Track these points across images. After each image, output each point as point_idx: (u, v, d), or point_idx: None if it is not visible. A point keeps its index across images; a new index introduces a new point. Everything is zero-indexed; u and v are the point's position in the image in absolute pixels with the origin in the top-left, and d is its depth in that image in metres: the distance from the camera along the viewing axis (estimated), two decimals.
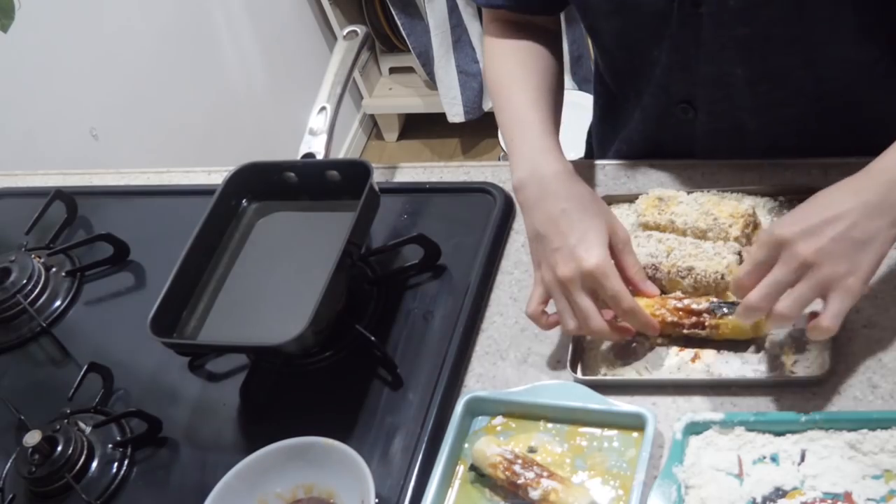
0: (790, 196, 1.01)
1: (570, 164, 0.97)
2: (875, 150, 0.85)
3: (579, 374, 0.93)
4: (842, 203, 0.81)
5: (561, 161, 0.97)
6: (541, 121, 1.02)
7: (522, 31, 1.11)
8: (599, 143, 1.27)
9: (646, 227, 1.01)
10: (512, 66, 1.09)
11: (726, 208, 0.98)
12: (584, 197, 0.94)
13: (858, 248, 0.80)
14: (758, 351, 0.91)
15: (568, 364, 0.94)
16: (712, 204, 0.99)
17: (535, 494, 0.83)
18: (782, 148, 1.05)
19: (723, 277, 0.93)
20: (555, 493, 0.83)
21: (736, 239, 0.96)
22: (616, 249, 0.92)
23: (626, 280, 0.91)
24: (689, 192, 1.01)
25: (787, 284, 0.81)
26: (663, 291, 0.96)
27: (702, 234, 0.97)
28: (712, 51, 0.99)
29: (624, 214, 1.05)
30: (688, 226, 0.98)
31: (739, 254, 0.95)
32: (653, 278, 0.96)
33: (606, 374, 0.93)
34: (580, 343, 0.96)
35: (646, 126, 1.13)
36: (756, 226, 0.99)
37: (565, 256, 0.89)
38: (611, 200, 1.07)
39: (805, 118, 1.03)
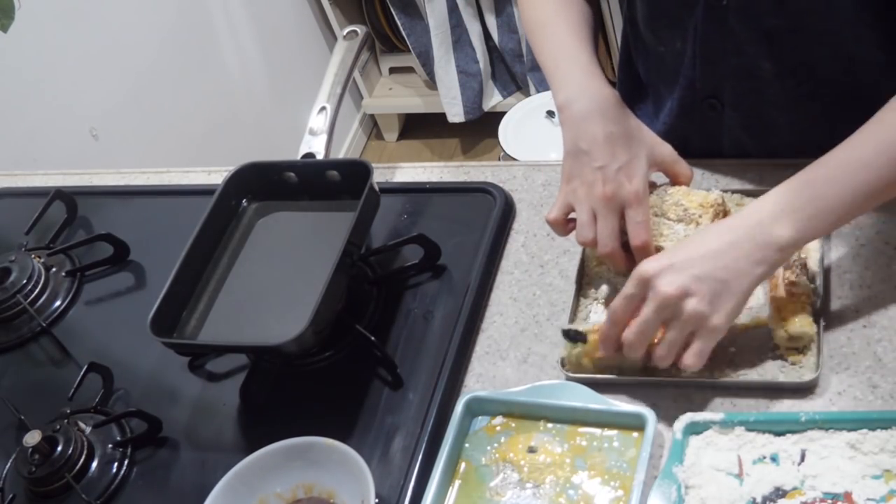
0: None
1: (617, 93, 0.99)
2: None
3: (570, 373, 0.93)
4: (710, 242, 0.84)
5: (609, 87, 0.98)
6: (587, 51, 1.02)
7: None
8: None
9: None
10: (552, 7, 1.08)
11: (696, 198, 0.99)
12: (630, 124, 0.96)
13: (721, 286, 0.82)
14: (758, 353, 0.91)
15: (559, 362, 0.94)
16: (682, 194, 1.00)
17: None
18: (811, 143, 1.03)
19: None
20: None
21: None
22: (666, 165, 0.98)
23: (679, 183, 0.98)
24: (659, 184, 1.02)
25: (656, 322, 0.84)
26: (633, 266, 0.97)
27: (674, 223, 0.99)
28: (739, 43, 0.99)
29: None
30: (658, 216, 0.99)
31: None
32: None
33: (602, 374, 0.94)
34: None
35: (673, 121, 1.12)
36: (725, 214, 1.00)
37: (608, 176, 0.92)
38: None
39: (833, 113, 1.01)
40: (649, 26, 1.07)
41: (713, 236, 0.85)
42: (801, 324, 0.87)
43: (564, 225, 0.98)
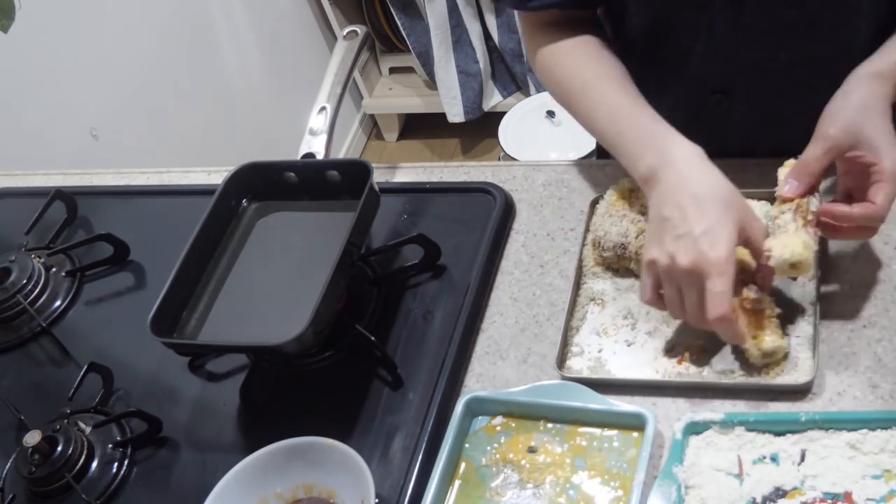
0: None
1: (700, 148, 0.92)
2: None
3: (565, 373, 0.94)
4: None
5: (689, 144, 0.92)
6: (645, 107, 0.98)
7: (570, 27, 1.07)
8: None
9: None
10: (587, 63, 1.04)
11: None
12: (718, 186, 0.88)
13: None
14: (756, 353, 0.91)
15: (555, 362, 0.94)
16: None
17: None
18: None
19: None
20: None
21: None
22: (754, 243, 0.88)
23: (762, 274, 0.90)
24: None
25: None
26: (630, 271, 1.00)
27: None
28: (755, 34, 0.98)
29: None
30: None
31: None
32: (620, 258, 0.99)
33: (602, 374, 0.94)
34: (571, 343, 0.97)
35: (675, 118, 1.10)
36: None
37: (687, 245, 0.85)
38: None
39: None
40: (648, 34, 1.06)
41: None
42: (772, 339, 0.88)
43: (660, 302, 0.90)
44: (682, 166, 0.90)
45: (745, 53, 1.00)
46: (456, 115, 2.86)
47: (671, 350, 0.93)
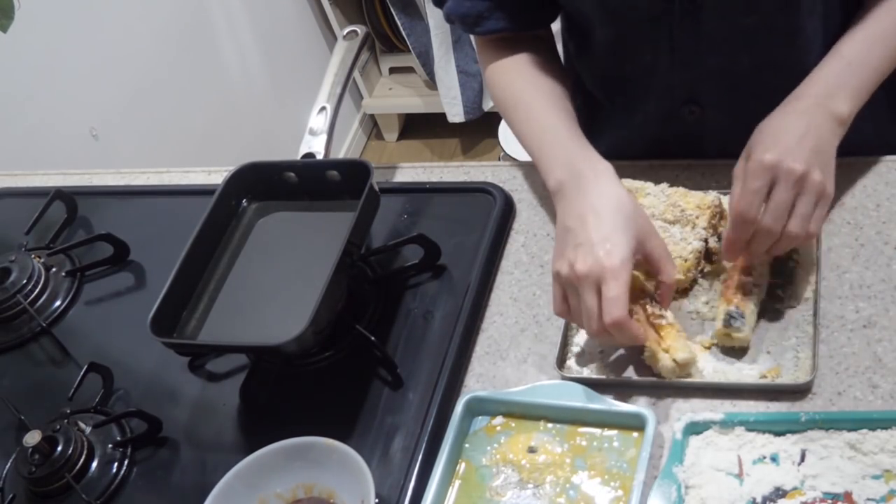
0: None
1: (610, 164, 0.95)
2: (862, 148, 0.95)
3: (566, 373, 0.94)
4: (795, 128, 0.89)
5: (599, 160, 0.96)
6: (567, 123, 1.02)
7: (518, 45, 1.11)
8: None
9: None
10: (522, 81, 1.09)
11: (693, 200, 1.00)
12: (619, 200, 0.91)
13: (826, 158, 0.89)
14: (756, 354, 0.91)
15: (555, 362, 0.94)
16: (679, 196, 1.01)
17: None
18: None
19: (686, 261, 0.96)
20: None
21: (703, 230, 0.98)
22: (653, 257, 0.91)
23: (660, 289, 0.92)
24: (656, 184, 1.02)
25: (789, 201, 0.87)
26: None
27: (669, 226, 1.00)
28: (716, 42, 1.00)
29: None
30: (655, 217, 0.99)
31: (706, 241, 0.98)
32: None
33: (602, 374, 0.94)
34: (570, 342, 0.97)
35: (647, 132, 1.12)
36: (723, 216, 1.00)
37: (585, 252, 0.88)
38: None
39: None
40: (613, 50, 1.08)
41: (792, 123, 0.89)
42: (683, 349, 0.88)
43: (570, 312, 0.92)
44: (586, 181, 0.93)
45: (709, 61, 1.02)
46: (456, 115, 2.86)
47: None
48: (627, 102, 1.12)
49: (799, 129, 0.88)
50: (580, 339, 0.97)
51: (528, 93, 1.07)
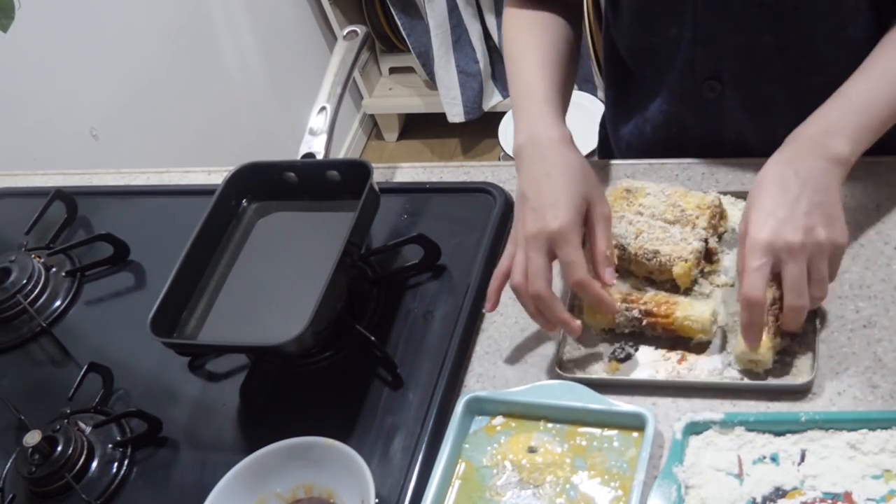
0: None
1: (569, 132, 0.98)
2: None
3: (566, 373, 0.94)
4: (790, 188, 0.85)
5: (558, 128, 0.98)
6: (545, 88, 1.03)
7: (543, 2, 1.12)
8: (614, 128, 1.26)
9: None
10: (525, 36, 1.09)
11: (693, 200, 1.00)
12: (572, 164, 0.94)
13: (826, 207, 0.85)
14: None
15: (555, 362, 0.94)
16: (679, 196, 1.01)
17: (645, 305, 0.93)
18: None
19: (686, 262, 0.95)
20: (675, 302, 0.92)
21: (703, 230, 0.98)
22: (591, 223, 0.93)
23: (591, 258, 0.93)
24: (656, 184, 1.02)
25: (804, 273, 0.84)
26: (630, 273, 1.00)
27: (669, 226, 1.00)
28: (740, 19, 0.99)
29: None
30: (655, 217, 0.99)
31: (706, 241, 0.98)
32: (620, 258, 0.99)
33: (602, 374, 0.94)
34: (568, 343, 0.97)
35: (669, 107, 1.12)
36: (722, 215, 1.00)
37: (535, 215, 0.91)
38: None
39: (830, 89, 1.00)
40: (640, 19, 1.08)
41: (786, 180, 0.86)
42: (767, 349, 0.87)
43: (500, 278, 0.97)
44: (542, 147, 0.96)
45: (731, 39, 1.02)
46: (456, 115, 2.86)
47: (672, 350, 0.93)
48: (654, 75, 1.12)
49: (792, 190, 0.84)
50: (580, 339, 0.97)
51: (527, 50, 1.08)
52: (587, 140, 2.30)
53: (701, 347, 0.93)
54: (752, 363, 0.88)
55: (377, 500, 0.85)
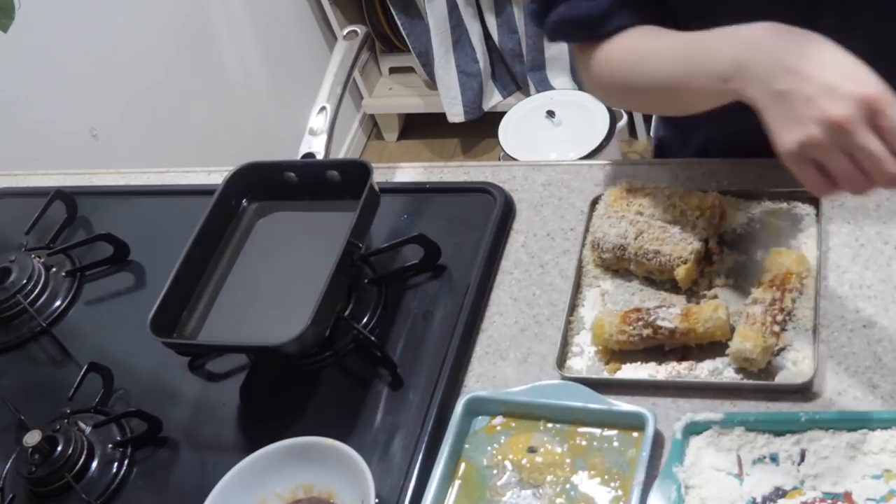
0: (790, 198, 1.02)
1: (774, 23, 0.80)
2: None
3: (566, 373, 0.94)
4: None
5: (760, 23, 0.80)
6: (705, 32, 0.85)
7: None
8: (681, 136, 1.16)
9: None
10: (641, 42, 0.94)
11: (693, 200, 0.99)
12: (821, 42, 0.75)
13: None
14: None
15: (555, 362, 0.94)
16: (679, 196, 1.00)
17: (667, 322, 0.90)
18: None
19: (686, 262, 0.95)
20: (688, 312, 0.90)
21: (704, 230, 0.98)
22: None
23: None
24: (656, 184, 1.02)
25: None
26: (630, 272, 1.00)
27: (669, 226, 0.99)
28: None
29: None
30: (655, 218, 0.99)
31: (706, 241, 0.98)
32: (621, 258, 0.98)
33: (602, 374, 0.94)
34: (570, 343, 0.97)
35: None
36: (723, 215, 1.00)
37: (831, 97, 0.71)
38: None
39: None
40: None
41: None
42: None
43: (827, 186, 0.76)
44: (771, 41, 0.77)
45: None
46: (456, 115, 2.86)
47: (671, 350, 0.93)
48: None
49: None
50: (580, 339, 0.97)
51: (651, 41, 0.93)
52: (587, 140, 2.32)
53: (702, 348, 0.92)
54: (745, 362, 0.88)
55: (377, 500, 0.85)
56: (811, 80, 0.73)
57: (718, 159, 1.10)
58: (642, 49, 0.94)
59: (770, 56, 0.76)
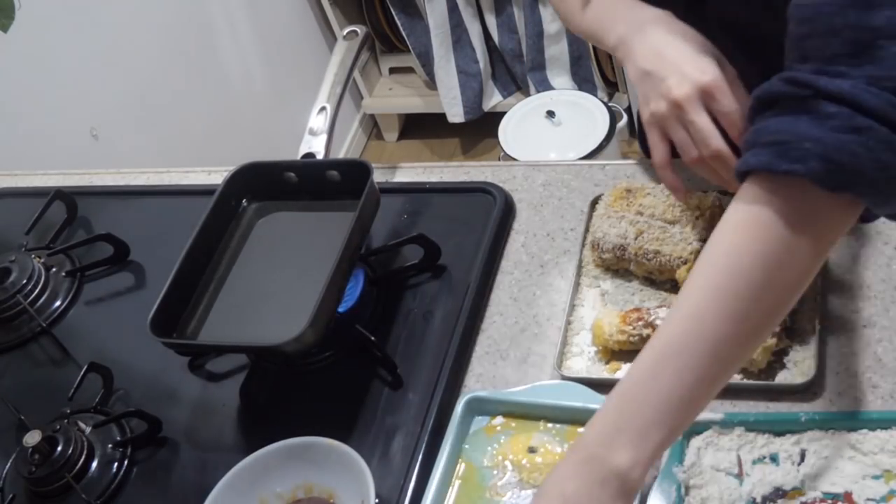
0: None
1: (669, 12, 0.92)
2: None
3: (566, 373, 0.94)
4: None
5: (656, 10, 0.92)
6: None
7: None
8: None
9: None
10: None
11: (693, 200, 0.99)
12: (688, 31, 0.89)
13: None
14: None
15: (555, 362, 0.94)
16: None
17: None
18: None
19: (686, 262, 0.95)
20: None
21: (704, 230, 0.98)
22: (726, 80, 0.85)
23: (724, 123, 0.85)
24: (656, 184, 1.02)
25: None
26: (630, 272, 1.00)
27: (669, 226, 0.99)
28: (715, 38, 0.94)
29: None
30: (655, 217, 0.99)
31: (706, 241, 0.96)
32: (620, 258, 0.99)
33: (602, 374, 0.94)
34: (570, 343, 0.97)
35: None
36: (723, 216, 0.99)
37: (678, 79, 0.84)
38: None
39: None
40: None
41: (557, 486, 0.71)
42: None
43: (669, 169, 0.89)
44: (650, 25, 0.90)
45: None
46: (456, 115, 2.86)
47: None
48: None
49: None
50: (580, 339, 0.97)
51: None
52: (587, 140, 2.32)
53: None
54: (745, 362, 0.88)
55: (377, 500, 0.85)
56: (667, 62, 0.86)
57: None
58: (579, 11, 1.03)
59: (644, 39, 0.89)
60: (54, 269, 1.25)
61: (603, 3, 0.99)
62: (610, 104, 2.45)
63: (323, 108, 1.18)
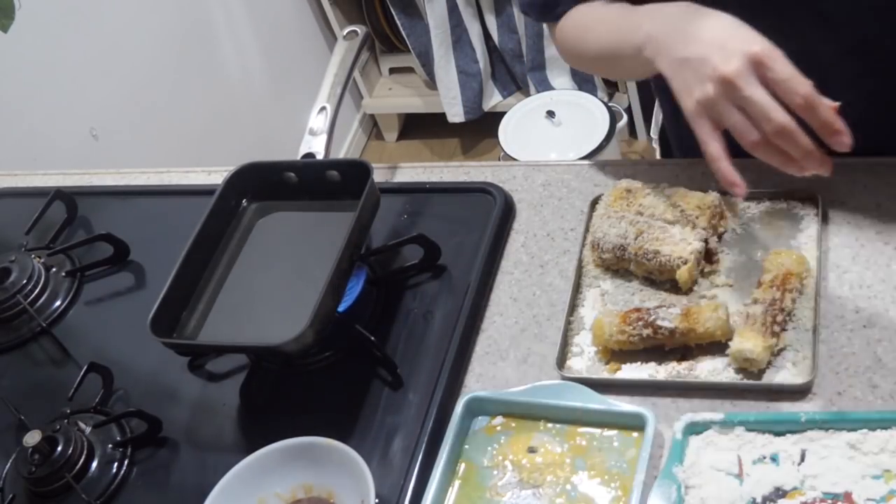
0: (790, 198, 1.02)
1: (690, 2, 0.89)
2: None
3: (566, 373, 0.94)
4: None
5: (677, 2, 0.89)
6: (639, 7, 0.95)
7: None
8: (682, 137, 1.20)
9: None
10: (583, 13, 1.05)
11: (693, 200, 1.00)
12: (718, 14, 0.84)
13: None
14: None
15: (555, 362, 0.94)
16: (679, 196, 1.01)
17: (667, 322, 0.90)
18: (868, 122, 0.90)
19: (686, 262, 0.95)
20: (688, 312, 0.90)
21: (703, 230, 0.98)
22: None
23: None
24: (656, 184, 1.02)
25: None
26: (630, 273, 1.00)
27: (669, 226, 0.99)
28: (797, 28, 0.93)
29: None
30: (655, 217, 0.99)
31: (706, 241, 0.98)
32: (620, 259, 0.98)
33: (602, 374, 0.94)
34: (570, 343, 0.97)
35: None
36: (722, 215, 1.00)
37: (723, 56, 0.79)
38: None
39: (891, 88, 0.96)
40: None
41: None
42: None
43: (730, 160, 0.82)
44: (678, 15, 0.87)
45: (791, 46, 0.88)
46: (456, 115, 2.86)
47: (671, 350, 0.93)
48: None
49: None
50: (580, 339, 0.97)
51: (592, 17, 1.02)
52: (587, 140, 2.32)
53: (702, 348, 0.93)
54: (746, 362, 0.88)
55: (377, 500, 0.85)
56: (705, 42, 0.81)
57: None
58: (586, 23, 1.04)
59: (674, 27, 0.86)
60: (54, 269, 1.25)
61: (617, 12, 0.98)
62: (610, 104, 2.46)
63: (323, 108, 1.18)
